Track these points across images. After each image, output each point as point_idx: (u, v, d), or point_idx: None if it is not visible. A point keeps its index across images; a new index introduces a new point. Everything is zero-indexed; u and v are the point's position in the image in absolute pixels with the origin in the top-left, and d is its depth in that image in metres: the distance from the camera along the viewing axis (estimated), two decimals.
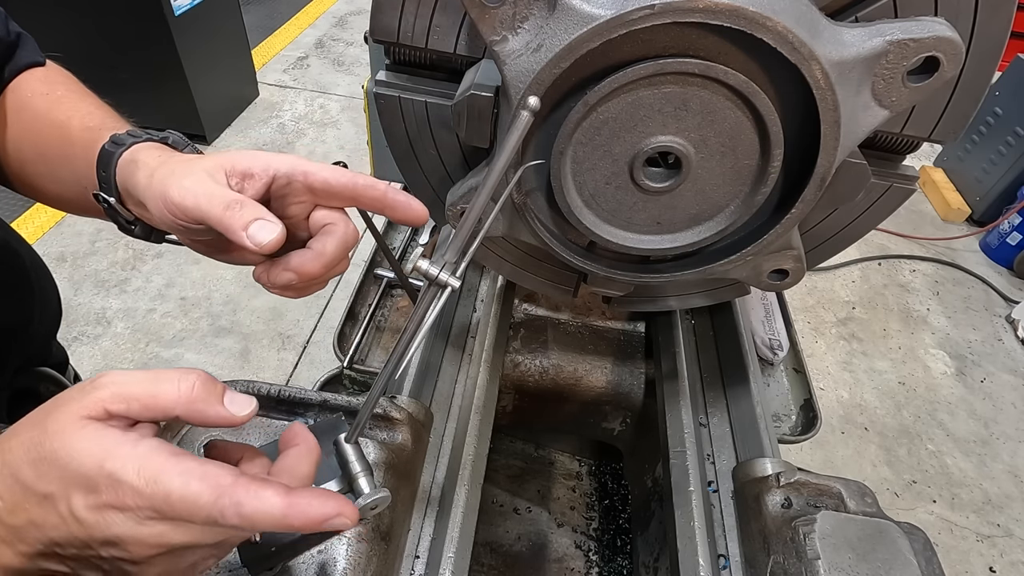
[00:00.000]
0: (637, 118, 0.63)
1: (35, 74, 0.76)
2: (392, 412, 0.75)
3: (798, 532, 0.67)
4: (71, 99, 0.73)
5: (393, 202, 0.56)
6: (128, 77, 3.39)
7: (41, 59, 0.78)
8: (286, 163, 0.55)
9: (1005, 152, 3.62)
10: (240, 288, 2.97)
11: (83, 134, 0.67)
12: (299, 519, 0.41)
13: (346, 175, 0.55)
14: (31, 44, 0.77)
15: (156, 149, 0.61)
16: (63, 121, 0.69)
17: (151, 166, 0.57)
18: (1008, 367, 3.07)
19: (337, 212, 0.57)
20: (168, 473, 0.39)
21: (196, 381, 0.42)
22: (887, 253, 3.61)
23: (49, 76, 0.76)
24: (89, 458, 0.39)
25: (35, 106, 0.72)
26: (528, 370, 1.20)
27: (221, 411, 0.43)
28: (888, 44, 0.55)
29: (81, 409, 0.40)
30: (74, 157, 0.66)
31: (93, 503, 0.39)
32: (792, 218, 0.68)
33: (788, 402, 1.22)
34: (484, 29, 0.58)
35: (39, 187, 0.74)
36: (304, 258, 0.55)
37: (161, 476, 0.39)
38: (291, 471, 0.47)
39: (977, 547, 2.40)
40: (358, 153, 3.79)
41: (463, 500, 0.77)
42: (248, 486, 0.40)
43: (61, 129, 0.69)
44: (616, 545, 1.38)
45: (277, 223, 0.50)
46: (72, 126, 0.68)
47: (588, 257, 0.80)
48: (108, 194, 0.61)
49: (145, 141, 0.62)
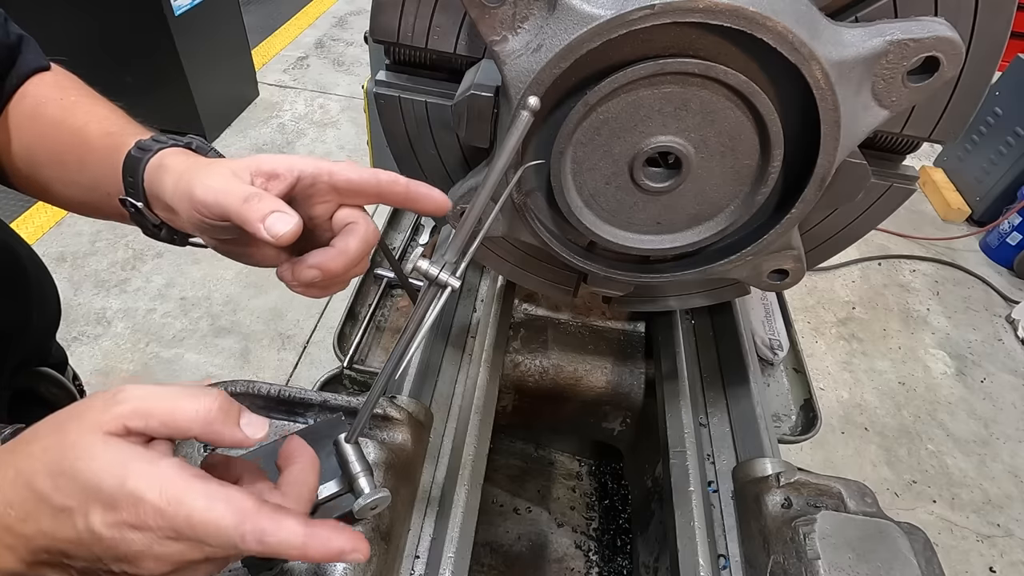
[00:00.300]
0: (637, 118, 0.63)
1: (44, 79, 0.76)
2: (392, 412, 0.75)
3: (798, 532, 0.67)
4: (85, 104, 0.73)
5: (416, 195, 0.56)
6: (128, 77, 3.39)
7: (46, 63, 0.78)
8: (311, 164, 0.56)
9: (1005, 152, 3.62)
10: (240, 288, 2.97)
11: (103, 139, 0.67)
12: (317, 551, 0.42)
13: (368, 172, 0.56)
14: (34, 47, 0.77)
15: (182, 154, 0.62)
16: (80, 127, 0.69)
17: (179, 170, 0.58)
18: (1008, 367, 3.07)
19: (358, 211, 0.58)
20: (191, 495, 0.39)
21: (215, 403, 0.43)
22: (887, 253, 3.61)
23: (59, 81, 0.76)
24: (111, 476, 0.39)
25: (50, 113, 0.72)
26: (528, 370, 1.20)
27: (237, 433, 0.44)
28: (888, 44, 0.55)
29: (102, 424, 0.41)
30: (93, 163, 0.67)
31: (112, 520, 0.39)
32: (792, 218, 0.68)
33: (788, 402, 1.22)
34: (484, 29, 0.58)
35: (50, 190, 0.74)
36: (327, 256, 0.55)
37: (184, 498, 0.39)
38: (298, 489, 0.49)
39: (977, 547, 2.40)
40: (358, 153, 3.78)
41: (463, 500, 0.77)
42: (272, 515, 0.41)
43: (78, 135, 0.69)
44: (616, 545, 1.38)
45: (293, 215, 0.50)
46: (90, 131, 0.69)
47: (588, 257, 0.80)
48: (136, 199, 0.62)
49: (171, 147, 0.63)
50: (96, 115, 0.71)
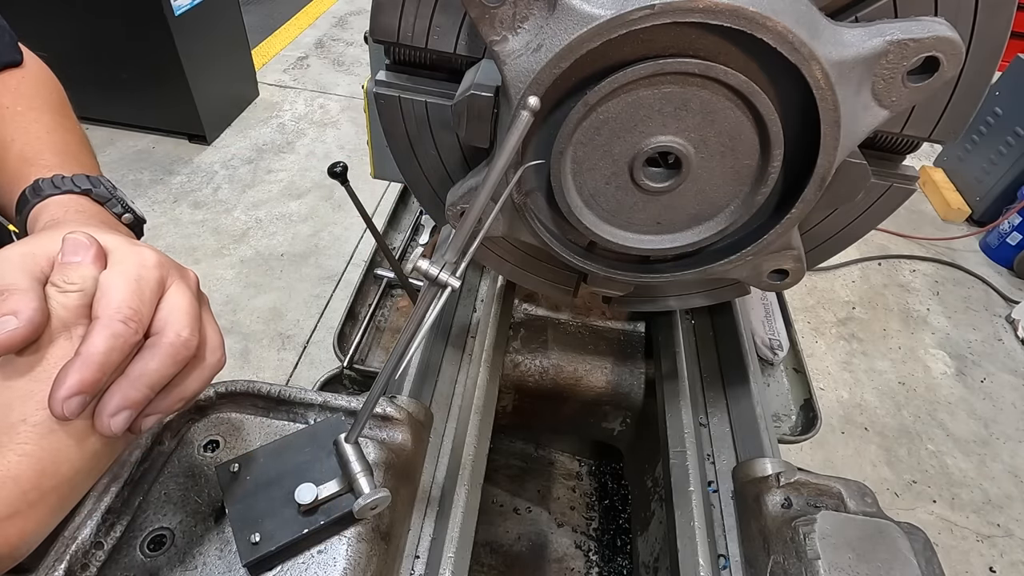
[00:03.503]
0: (637, 118, 0.63)
1: (7, 81, 0.74)
2: (392, 412, 0.75)
3: (798, 532, 0.67)
4: (27, 117, 0.72)
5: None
6: (128, 77, 3.39)
7: (18, 56, 0.76)
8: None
9: (1005, 152, 3.62)
10: (240, 288, 2.97)
11: (16, 164, 0.67)
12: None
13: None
14: (6, 39, 0.75)
15: (61, 208, 0.61)
16: (6, 143, 0.69)
17: (39, 227, 0.58)
18: (1008, 367, 3.07)
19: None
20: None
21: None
22: (887, 253, 3.61)
23: (20, 86, 0.75)
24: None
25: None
26: (528, 370, 1.20)
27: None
28: (888, 44, 0.55)
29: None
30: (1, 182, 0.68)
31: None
32: (792, 218, 0.68)
33: (788, 402, 1.22)
34: (484, 29, 0.58)
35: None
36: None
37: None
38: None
39: (977, 547, 2.40)
40: (358, 153, 3.79)
41: (463, 500, 0.77)
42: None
43: (2, 150, 0.69)
44: (616, 545, 1.38)
45: (19, 316, 0.42)
46: (11, 151, 0.69)
47: (588, 257, 0.80)
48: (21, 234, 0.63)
49: (64, 193, 0.63)
50: (29, 133, 0.70)
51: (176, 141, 3.77)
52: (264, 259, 3.14)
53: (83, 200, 0.63)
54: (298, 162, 3.75)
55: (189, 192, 3.46)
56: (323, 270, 3.12)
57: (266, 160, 3.74)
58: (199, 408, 0.72)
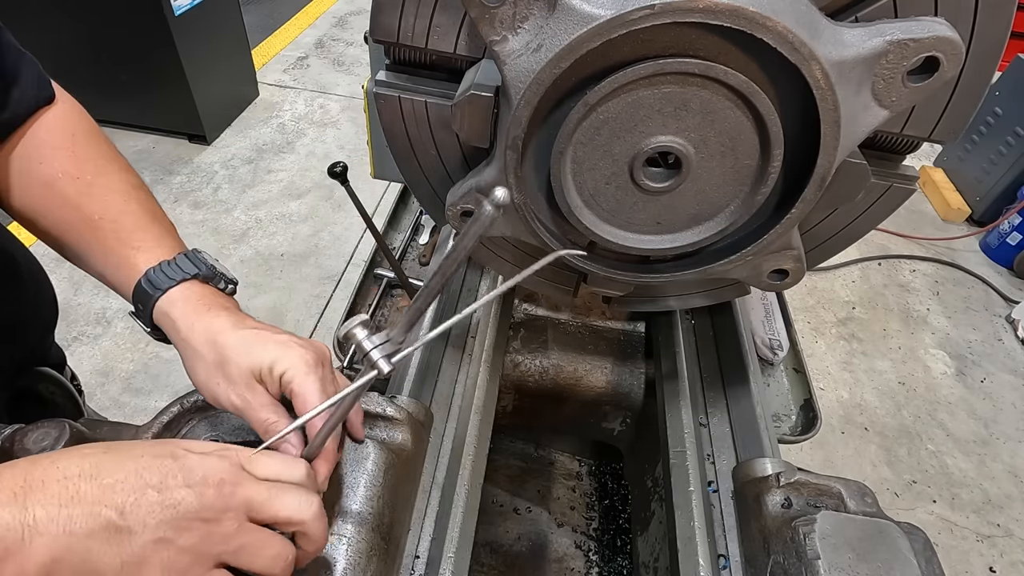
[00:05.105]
0: (637, 118, 0.63)
1: (53, 130, 0.74)
2: (392, 412, 0.75)
3: (798, 532, 0.67)
4: (100, 186, 0.73)
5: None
6: (128, 77, 3.39)
7: (51, 92, 0.75)
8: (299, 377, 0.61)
9: (1005, 152, 3.62)
10: (240, 288, 2.97)
11: (115, 245, 0.70)
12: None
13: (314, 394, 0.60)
14: (34, 72, 0.73)
15: (191, 303, 0.66)
16: (95, 221, 0.71)
17: (187, 323, 0.64)
18: (1008, 367, 3.07)
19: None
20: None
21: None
22: (887, 253, 3.61)
23: (76, 147, 0.74)
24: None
25: (66, 192, 0.71)
26: (528, 370, 1.20)
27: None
28: (888, 44, 0.55)
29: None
30: (98, 261, 0.72)
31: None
32: (792, 218, 0.68)
33: (788, 402, 1.22)
34: (484, 29, 0.58)
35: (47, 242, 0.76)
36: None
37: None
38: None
39: (977, 547, 2.40)
40: (358, 153, 3.79)
41: (463, 500, 0.77)
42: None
43: (90, 228, 0.71)
44: (616, 545, 1.38)
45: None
46: (104, 230, 0.71)
47: (588, 257, 0.80)
48: (143, 322, 0.68)
49: (179, 283, 0.67)
50: (111, 207, 0.72)
51: (176, 141, 3.77)
52: (264, 259, 3.14)
53: (196, 287, 0.68)
54: (298, 162, 3.75)
55: (189, 192, 3.46)
56: (323, 270, 3.12)
57: (266, 160, 3.74)
58: (199, 408, 0.72)
